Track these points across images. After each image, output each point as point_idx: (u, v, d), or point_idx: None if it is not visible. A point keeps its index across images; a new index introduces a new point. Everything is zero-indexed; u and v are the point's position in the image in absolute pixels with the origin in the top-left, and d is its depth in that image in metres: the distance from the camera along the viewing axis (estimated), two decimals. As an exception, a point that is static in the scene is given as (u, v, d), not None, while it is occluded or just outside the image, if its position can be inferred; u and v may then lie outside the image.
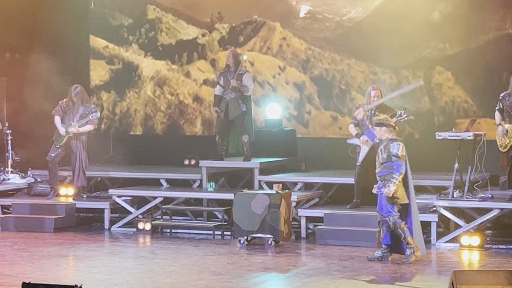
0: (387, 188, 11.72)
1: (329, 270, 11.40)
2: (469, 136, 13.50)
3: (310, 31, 16.73)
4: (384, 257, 11.90)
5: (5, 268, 11.35)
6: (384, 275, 11.21)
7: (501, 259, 12.23)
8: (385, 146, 11.89)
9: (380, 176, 11.88)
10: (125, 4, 17.78)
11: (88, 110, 15.19)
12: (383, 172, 11.85)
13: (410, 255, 11.73)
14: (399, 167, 11.76)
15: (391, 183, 11.70)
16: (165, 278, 10.88)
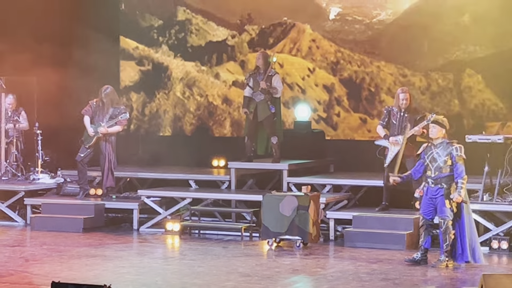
0: (457, 193, 11.58)
1: (357, 273, 11.38)
2: (499, 139, 13.46)
3: (339, 33, 16.73)
4: (422, 260, 11.84)
5: (34, 268, 11.41)
6: (413, 278, 11.18)
7: (530, 263, 12.20)
8: (443, 148, 11.79)
9: (436, 179, 11.73)
10: (155, 6, 17.84)
11: (117, 111, 15.22)
12: (440, 176, 11.71)
13: (443, 261, 11.67)
14: (463, 171, 11.66)
15: (461, 188, 11.59)
16: (193, 279, 10.90)
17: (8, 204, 15.53)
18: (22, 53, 16.33)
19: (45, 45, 16.59)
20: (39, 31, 16.73)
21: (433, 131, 11.88)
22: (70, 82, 16.73)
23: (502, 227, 13.15)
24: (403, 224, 13.29)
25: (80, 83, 16.69)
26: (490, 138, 13.56)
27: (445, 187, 11.70)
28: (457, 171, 11.67)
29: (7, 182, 15.95)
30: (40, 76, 16.82)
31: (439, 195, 11.71)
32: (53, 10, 16.96)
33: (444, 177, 11.70)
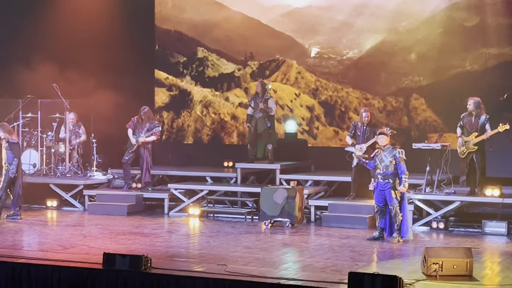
0: (403, 185, 11.51)
1: (332, 246, 11.36)
2: (437, 147, 13.44)
3: (318, 67, 16.70)
4: (379, 238, 11.79)
5: (91, 242, 11.38)
6: (373, 249, 11.15)
7: (461, 239, 12.15)
8: (388, 152, 11.69)
9: (384, 175, 11.64)
10: (181, 46, 17.81)
11: (152, 125, 15.20)
12: (387, 173, 11.62)
13: (395, 237, 11.63)
14: (405, 169, 11.56)
15: (405, 181, 11.53)
16: (210, 250, 10.87)
17: (71, 194, 15.49)
18: (82, 80, 16.32)
19: (98, 74, 16.57)
20: (96, 62, 16.68)
21: (381, 140, 11.82)
22: (117, 103, 16.68)
23: (440, 212, 13.14)
24: (366, 209, 13.26)
25: (125, 103, 16.65)
26: (430, 145, 13.55)
27: (391, 181, 11.64)
28: (400, 169, 11.59)
29: (70, 178, 15.92)
30: (96, 99, 16.79)
31: (387, 188, 11.66)
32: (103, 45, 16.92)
33: (390, 174, 11.64)
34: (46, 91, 16.37)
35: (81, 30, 17.11)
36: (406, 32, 15.91)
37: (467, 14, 15.40)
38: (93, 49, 16.80)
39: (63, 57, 16.83)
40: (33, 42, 16.86)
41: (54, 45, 17.01)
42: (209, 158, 16.85)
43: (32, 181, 15.80)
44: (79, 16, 17.18)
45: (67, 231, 12.44)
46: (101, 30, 17.18)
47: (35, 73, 16.73)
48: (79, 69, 16.51)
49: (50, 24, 17.02)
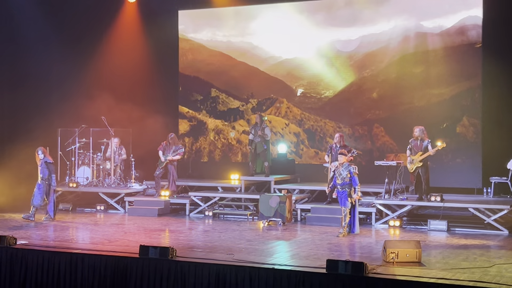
0: (357, 194, 11.54)
1: (313, 239, 11.32)
2: (393, 164, 13.45)
3: (303, 103, 16.73)
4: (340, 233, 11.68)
5: (129, 237, 11.36)
6: (345, 242, 11.11)
7: (412, 234, 12.11)
8: (345, 168, 11.73)
9: (342, 185, 11.68)
10: (199, 88, 17.87)
11: (177, 147, 15.22)
12: (344, 183, 11.67)
13: (342, 232, 11.58)
14: (357, 180, 11.59)
15: (358, 191, 11.54)
16: (220, 242, 10.85)
17: (115, 200, 15.46)
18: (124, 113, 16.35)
19: (135, 109, 16.61)
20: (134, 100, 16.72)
21: (340, 158, 11.86)
22: (150, 131, 16.72)
23: (395, 213, 13.10)
24: (339, 211, 13.16)
25: (156, 131, 16.68)
26: (388, 163, 13.56)
27: (347, 190, 11.62)
28: (354, 181, 11.59)
29: (114, 188, 15.90)
30: (133, 128, 16.82)
31: (344, 195, 11.63)
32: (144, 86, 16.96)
33: (346, 184, 11.63)
34: (96, 122, 16.41)
35: (122, 76, 17.17)
36: (369, 77, 15.97)
37: (415, 63, 15.48)
38: (132, 89, 16.86)
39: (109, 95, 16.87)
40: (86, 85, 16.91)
41: (102, 86, 17.06)
42: (220, 172, 16.85)
43: (85, 190, 15.80)
44: (121, 66, 17.25)
45: (112, 229, 12.42)
46: (138, 76, 17.27)
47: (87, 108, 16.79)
48: (121, 106, 16.56)
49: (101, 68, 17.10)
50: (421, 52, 15.38)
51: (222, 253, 9.77)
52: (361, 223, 13.37)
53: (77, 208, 15.53)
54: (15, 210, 14.54)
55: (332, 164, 13.55)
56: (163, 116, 17.12)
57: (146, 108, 16.91)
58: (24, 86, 16.66)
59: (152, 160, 15.81)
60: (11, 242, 9.96)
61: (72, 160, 16.54)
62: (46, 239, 10.97)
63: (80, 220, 13.67)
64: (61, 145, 16.62)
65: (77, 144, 16.55)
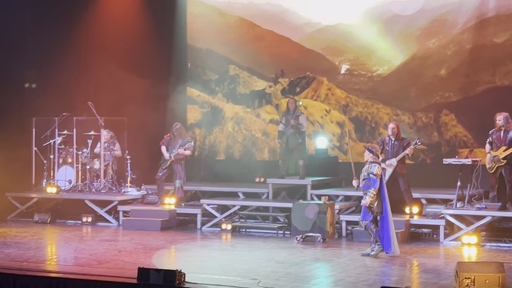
0: (364, 199, 11.54)
1: (363, 260, 11.29)
2: (468, 162, 13.32)
3: (348, 84, 16.69)
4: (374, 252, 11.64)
5: (125, 257, 11.43)
6: (405, 264, 11.05)
7: (493, 253, 12.02)
8: (366, 167, 11.67)
9: (363, 190, 11.64)
10: (213, 64, 17.90)
11: (185, 141, 15.24)
12: (364, 187, 11.62)
13: (377, 251, 11.49)
14: (374, 183, 11.49)
15: (368, 196, 11.49)
16: (242, 265, 10.86)
17: (106, 210, 15.56)
18: (115, 97, 16.44)
19: (132, 94, 16.67)
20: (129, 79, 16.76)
21: (365, 155, 11.79)
22: (150, 120, 16.79)
23: (471, 227, 13.00)
24: (396, 224, 13.11)
25: (158, 121, 16.76)
26: (461, 161, 13.43)
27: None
28: (372, 183, 11.48)
29: (105, 194, 16.00)
30: (128, 117, 16.91)
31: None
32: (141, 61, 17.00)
33: (364, 189, 11.56)
34: (81, 109, 16.51)
35: (113, 48, 17.25)
36: (436, 48, 15.85)
37: (497, 30, 15.31)
38: (125, 66, 16.91)
39: (97, 74, 16.98)
40: (69, 62, 17.01)
41: (88, 63, 17.17)
42: (241, 174, 16.85)
43: (68, 197, 15.94)
44: (113, 36, 17.33)
45: (102, 246, 12.50)
46: (133, 48, 17.30)
47: (70, 91, 16.91)
48: (112, 87, 16.64)
49: (85, 43, 17.18)
50: (504, 15, 15.22)
51: (244, 278, 9.78)
52: (426, 239, 13.31)
53: (57, 220, 15.67)
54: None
55: (387, 163, 13.50)
56: (167, 101, 17.18)
57: (145, 91, 16.97)
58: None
59: (153, 158, 15.87)
60: (-26, 263, 10.09)
61: (51, 158, 16.69)
62: (18, 259, 11.09)
63: (62, 235, 13.79)
64: (36, 139, 16.77)
65: (57, 138, 16.68)
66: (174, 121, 15.72)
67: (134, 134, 16.88)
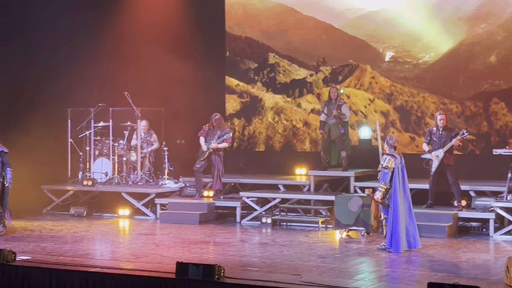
0: (375, 194, 11.47)
1: (409, 256, 11.21)
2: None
3: (393, 72, 16.56)
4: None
5: (163, 251, 11.49)
6: (452, 259, 10.94)
7: (545, 248, 11.87)
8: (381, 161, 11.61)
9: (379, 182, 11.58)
10: (252, 53, 17.89)
11: (224, 132, 15.27)
12: (379, 179, 11.56)
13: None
14: (384, 176, 11.39)
15: (378, 190, 11.41)
16: (283, 260, 10.85)
17: (143, 203, 15.67)
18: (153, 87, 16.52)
19: (169, 84, 16.74)
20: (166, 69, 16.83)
21: (386, 147, 11.67)
22: (188, 110, 16.84)
23: (523, 221, 12.86)
24: (444, 218, 13.07)
25: (196, 111, 16.80)
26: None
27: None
28: (382, 177, 11.42)
29: (142, 187, 16.11)
30: (166, 107, 16.99)
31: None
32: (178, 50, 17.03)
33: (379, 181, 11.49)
34: (118, 99, 16.60)
35: (150, 37, 17.32)
36: (485, 34, 15.64)
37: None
38: (162, 56, 16.99)
39: (133, 65, 17.07)
40: (105, 51, 17.12)
41: (124, 52, 17.27)
42: (281, 166, 16.84)
43: (104, 189, 16.07)
44: (149, 23, 17.39)
45: (139, 240, 12.58)
46: (171, 37, 17.35)
47: (106, 81, 17.02)
48: (148, 78, 16.72)
49: (121, 32, 17.26)
50: (558, -2, 14.98)
51: (285, 273, 9.76)
52: (475, 233, 13.17)
53: (93, 213, 15.82)
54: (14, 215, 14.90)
55: (433, 154, 13.38)
56: (205, 91, 17.22)
57: (183, 81, 17.03)
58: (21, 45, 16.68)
59: (191, 149, 15.92)
60: (9, 257, 10.22)
61: (87, 150, 16.83)
62: (54, 253, 11.21)
63: (98, 229, 13.91)
64: (71, 130, 16.93)
65: (93, 129, 16.81)
66: (213, 111, 15.73)
67: (172, 125, 16.95)
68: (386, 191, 11.39)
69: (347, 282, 9.31)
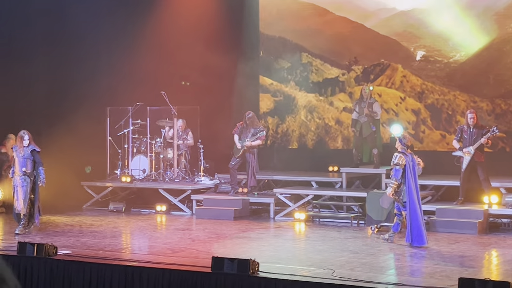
0: (387, 190, 11.47)
1: (440, 251, 11.13)
2: (550, 150, 13.00)
3: (424, 70, 16.45)
4: (390, 239, 11.71)
5: (199, 246, 11.52)
6: (483, 255, 10.85)
7: None
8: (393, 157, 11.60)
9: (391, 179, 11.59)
10: (285, 53, 17.88)
11: (257, 130, 15.29)
12: (391, 176, 11.55)
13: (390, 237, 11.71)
14: (396, 173, 11.40)
15: (390, 187, 11.41)
16: (316, 255, 10.84)
17: (179, 199, 15.74)
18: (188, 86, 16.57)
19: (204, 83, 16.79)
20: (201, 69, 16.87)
21: (396, 144, 11.71)
22: (223, 109, 16.88)
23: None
24: (475, 214, 12.96)
25: (230, 110, 16.83)
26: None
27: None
28: (394, 174, 11.45)
29: (178, 183, 16.19)
30: (201, 105, 17.05)
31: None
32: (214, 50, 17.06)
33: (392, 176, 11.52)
34: (155, 98, 16.69)
35: (187, 37, 17.38)
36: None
37: None
38: (198, 56, 17.04)
39: (170, 64, 17.14)
40: (142, 51, 17.22)
41: (161, 52, 17.36)
42: (314, 163, 16.82)
43: (142, 186, 16.17)
44: (186, 24, 17.45)
45: (176, 235, 12.64)
46: (207, 37, 17.38)
47: (144, 80, 17.12)
48: (183, 77, 16.78)
49: (159, 33, 17.35)
50: None
51: (318, 268, 9.75)
52: (505, 229, 13.05)
53: (131, 209, 15.93)
54: (55, 211, 15.08)
55: (464, 151, 13.27)
56: (240, 90, 17.23)
57: (218, 79, 17.07)
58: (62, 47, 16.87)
59: (226, 147, 15.96)
60: (51, 251, 10.33)
61: (125, 148, 16.95)
62: (94, 248, 11.31)
63: (136, 224, 14.01)
64: (110, 129, 17.05)
65: (131, 127, 16.92)
66: (247, 109, 15.76)
67: (207, 123, 16.99)
68: (398, 187, 11.44)
69: (379, 277, 9.27)
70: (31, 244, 10.35)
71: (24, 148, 12.46)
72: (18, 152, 12.51)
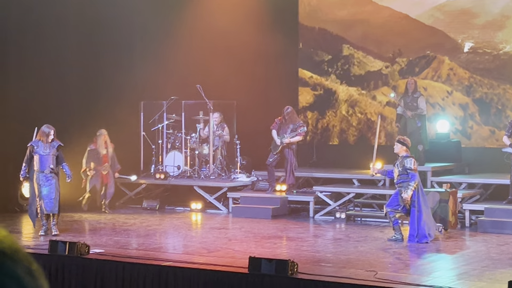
0: (405, 193, 11.51)
1: (489, 253, 11.02)
2: None
3: (472, 63, 16.27)
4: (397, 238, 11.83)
5: (235, 246, 11.55)
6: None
7: None
8: (400, 162, 11.69)
9: (397, 184, 11.73)
10: (326, 44, 17.81)
11: (297, 125, 15.25)
12: (400, 181, 11.68)
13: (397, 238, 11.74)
14: (413, 177, 11.53)
15: (409, 189, 11.50)
16: (357, 256, 10.80)
17: (215, 197, 15.76)
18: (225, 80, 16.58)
19: (240, 77, 16.78)
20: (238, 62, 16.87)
21: (395, 148, 11.84)
22: (261, 103, 16.87)
23: None
24: (525, 214, 12.81)
25: (268, 104, 16.81)
26: None
27: (402, 191, 11.62)
28: (411, 178, 11.56)
29: (214, 180, 16.21)
30: (238, 100, 17.05)
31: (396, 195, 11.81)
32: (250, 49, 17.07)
33: (403, 182, 11.61)
34: (190, 92, 16.72)
35: (224, 30, 17.38)
36: None
37: None
38: (234, 48, 17.03)
39: (206, 57, 17.16)
40: (178, 44, 17.27)
41: (196, 45, 17.39)
42: (356, 160, 16.69)
43: (176, 183, 16.23)
44: (223, 16, 17.46)
45: (211, 234, 12.67)
46: (244, 29, 17.35)
47: (178, 74, 17.17)
48: (220, 70, 16.79)
49: (194, 25, 17.39)
50: None
51: (360, 269, 9.71)
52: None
53: (166, 207, 16.00)
54: (87, 209, 15.20)
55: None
56: (278, 84, 17.21)
57: (255, 73, 17.05)
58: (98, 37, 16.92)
59: (264, 143, 15.94)
60: (83, 250, 10.42)
61: (159, 143, 17.02)
62: (127, 246, 11.39)
63: (171, 223, 14.06)
64: (144, 124, 17.13)
65: (165, 122, 16.98)
66: (285, 104, 15.73)
67: (244, 118, 17.00)
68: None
69: (424, 279, 9.20)
70: (63, 243, 10.45)
71: (49, 144, 12.37)
72: (41, 149, 12.33)
